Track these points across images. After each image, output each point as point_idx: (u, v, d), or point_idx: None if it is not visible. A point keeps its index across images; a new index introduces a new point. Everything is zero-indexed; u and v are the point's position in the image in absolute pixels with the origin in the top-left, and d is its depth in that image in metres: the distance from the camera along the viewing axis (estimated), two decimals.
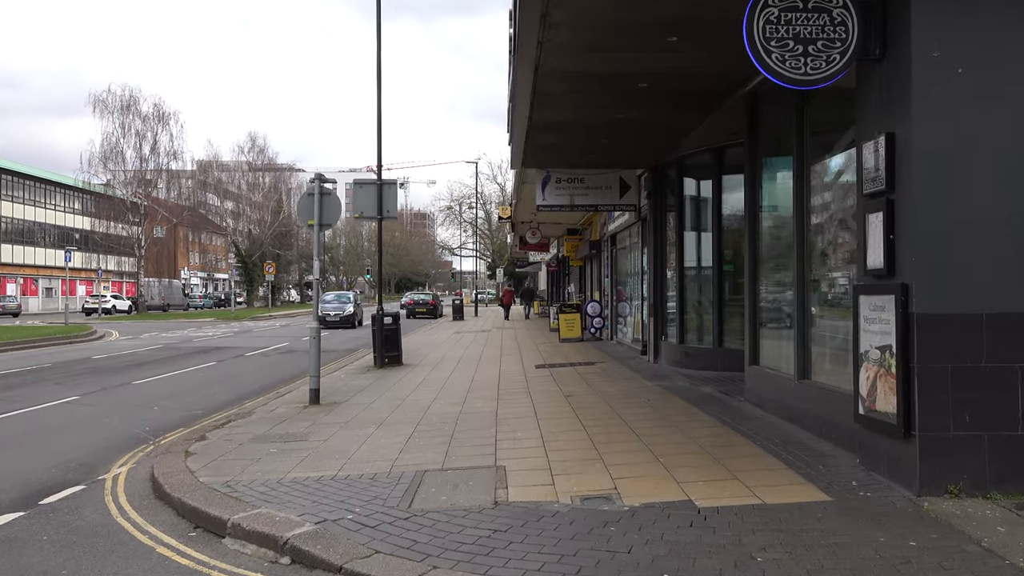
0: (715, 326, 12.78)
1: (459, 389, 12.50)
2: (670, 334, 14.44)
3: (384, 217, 17.01)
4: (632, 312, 19.13)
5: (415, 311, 48.15)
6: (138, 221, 53.39)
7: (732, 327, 12.82)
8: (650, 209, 15.14)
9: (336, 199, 12.12)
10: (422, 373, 15.32)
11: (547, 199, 15.44)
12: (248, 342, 26.65)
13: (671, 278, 14.52)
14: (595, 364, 15.42)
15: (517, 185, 18.36)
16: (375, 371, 16.09)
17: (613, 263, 21.06)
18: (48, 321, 43.02)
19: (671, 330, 14.37)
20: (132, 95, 53.01)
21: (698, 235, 13.84)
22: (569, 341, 21.93)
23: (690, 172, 13.94)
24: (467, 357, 18.60)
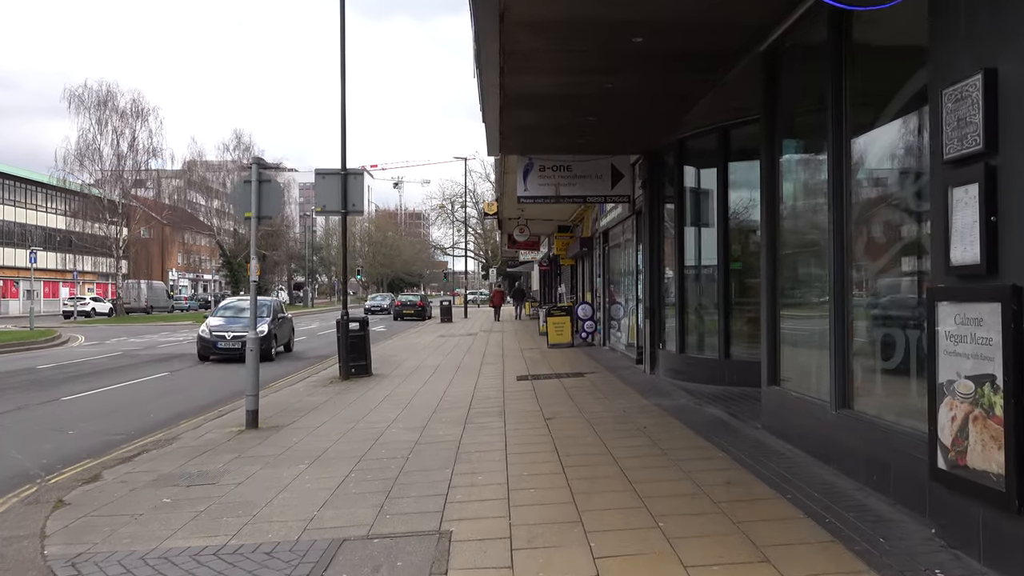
0: (721, 333, 11.04)
1: (425, 408, 10.74)
2: (669, 342, 12.69)
3: (349, 211, 15.29)
4: (626, 315, 17.39)
5: (403, 313, 46.45)
6: (116, 221, 51.50)
7: (741, 335, 11.08)
8: (645, 201, 13.40)
9: (277, 187, 10.34)
10: (389, 386, 13.57)
11: (529, 190, 13.69)
12: None
13: (670, 278, 12.79)
14: (584, 376, 13.66)
15: (499, 176, 16.63)
16: (339, 383, 14.37)
17: (606, 262, 19.33)
18: (22, 325, 41.19)
19: (670, 337, 12.63)
20: (109, 90, 51.23)
21: (699, 230, 12.10)
22: (558, 347, 20.18)
23: (691, 158, 12.18)
24: (445, 366, 16.85)
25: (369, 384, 14.02)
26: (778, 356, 7.74)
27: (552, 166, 13.67)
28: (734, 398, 9.99)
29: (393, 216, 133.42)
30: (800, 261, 7.74)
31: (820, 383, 6.65)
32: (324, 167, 15.40)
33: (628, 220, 15.68)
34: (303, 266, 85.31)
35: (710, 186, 11.68)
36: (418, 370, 16.19)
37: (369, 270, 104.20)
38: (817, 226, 6.97)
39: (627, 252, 16.48)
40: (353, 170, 15.18)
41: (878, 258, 6.09)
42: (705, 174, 12.11)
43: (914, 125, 5.48)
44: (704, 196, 11.95)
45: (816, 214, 7.06)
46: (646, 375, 13.18)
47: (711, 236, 11.47)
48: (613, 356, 17.11)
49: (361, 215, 15.24)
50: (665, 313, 12.95)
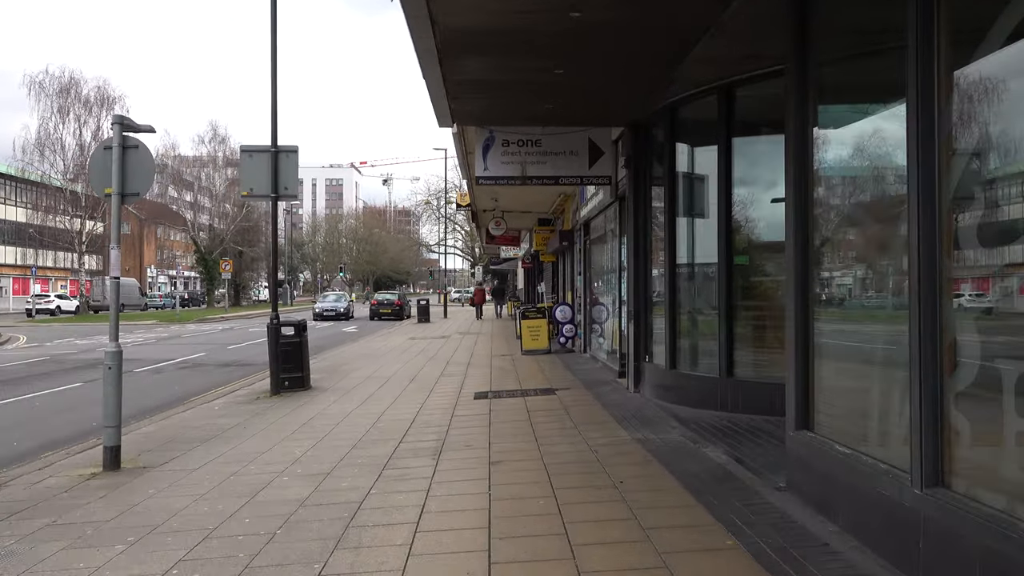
0: (721, 345, 8.74)
1: (345, 440, 8.40)
2: (656, 354, 10.37)
3: (281, 196, 12.91)
4: (610, 318, 15.08)
5: (379, 312, 44.06)
6: (81, 214, 48.88)
7: (747, 347, 8.80)
8: (629, 183, 11.08)
9: (147, 156, 7.94)
10: (320, 405, 11.22)
11: (490, 169, 11.36)
12: (159, 352, 22.47)
13: (658, 277, 10.48)
14: (555, 393, 11.33)
15: (462, 158, 14.29)
16: (265, 400, 12.03)
17: (587, 257, 17.01)
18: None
19: (658, 349, 10.31)
20: (72, 77, 48.65)
21: (694, 218, 9.77)
22: (533, 354, 17.85)
23: (686, 130, 9.85)
24: (399, 376, 14.49)
25: (298, 402, 11.67)
26: (811, 387, 5.41)
27: (517, 140, 11.34)
28: (740, 432, 7.67)
29: (382, 213, 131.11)
30: (851, 257, 5.43)
31: (889, 439, 4.33)
32: (251, 144, 13.02)
33: (611, 208, 13.36)
34: (282, 262, 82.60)
35: (709, 164, 9.37)
36: (365, 382, 13.84)
37: (354, 267, 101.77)
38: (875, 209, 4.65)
39: (610, 246, 14.17)
40: (285, 147, 12.82)
41: (996, 245, 3.75)
42: (703, 151, 9.79)
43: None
44: (701, 177, 9.63)
45: (873, 192, 4.74)
46: (628, 393, 10.86)
47: (710, 225, 9.15)
48: (593, 367, 14.78)
49: (295, 200, 12.84)
50: (653, 318, 10.63)
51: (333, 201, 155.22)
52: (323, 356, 20.03)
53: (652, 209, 10.75)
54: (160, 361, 19.77)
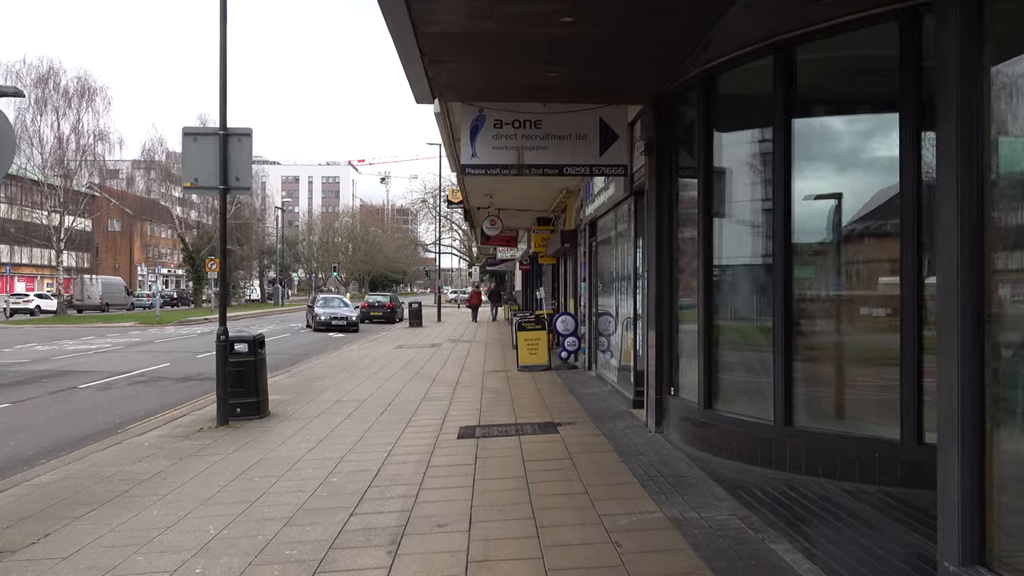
0: (778, 381, 6.66)
1: (280, 510, 6.32)
2: (685, 386, 8.29)
3: (231, 188, 10.82)
4: (618, 329, 13.03)
5: (370, 315, 41.91)
6: (60, 210, 46.70)
7: (815, 386, 6.73)
8: (650, 174, 9.00)
9: (6, 126, 5.86)
10: (268, 443, 9.16)
11: (480, 156, 9.27)
12: (120, 362, 20.38)
13: (689, 288, 8.40)
14: (558, 430, 9.24)
15: (447, 144, 12.18)
16: (208, 433, 9.98)
17: (592, 261, 14.93)
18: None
19: (688, 378, 8.23)
20: (51, 67, 46.48)
21: (733, 220, 7.70)
22: (530, 369, 15.77)
23: (727, 106, 7.73)
24: (374, 401, 12.41)
25: (246, 436, 9.61)
26: (988, 485, 3.32)
27: (512, 121, 9.26)
28: (814, 510, 5.60)
29: (379, 212, 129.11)
30: None
31: None
32: (195, 125, 10.92)
33: (624, 204, 11.28)
34: (275, 261, 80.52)
35: (759, 150, 7.32)
36: (334, 408, 11.76)
37: (350, 267, 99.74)
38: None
39: (621, 248, 12.08)
40: (237, 129, 10.74)
41: None
42: (749, 135, 7.71)
43: None
44: (750, 166, 7.56)
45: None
46: (649, 433, 8.78)
47: (760, 227, 7.10)
48: (600, 391, 12.69)
49: (247, 192, 10.77)
50: (680, 341, 8.54)
51: (330, 199, 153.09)
52: (298, 368, 17.97)
53: (679, 205, 8.66)
54: (115, 374, 17.70)
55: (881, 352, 6.20)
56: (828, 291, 6.65)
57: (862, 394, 6.52)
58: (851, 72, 6.66)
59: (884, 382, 6.13)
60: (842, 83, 6.78)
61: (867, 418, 6.34)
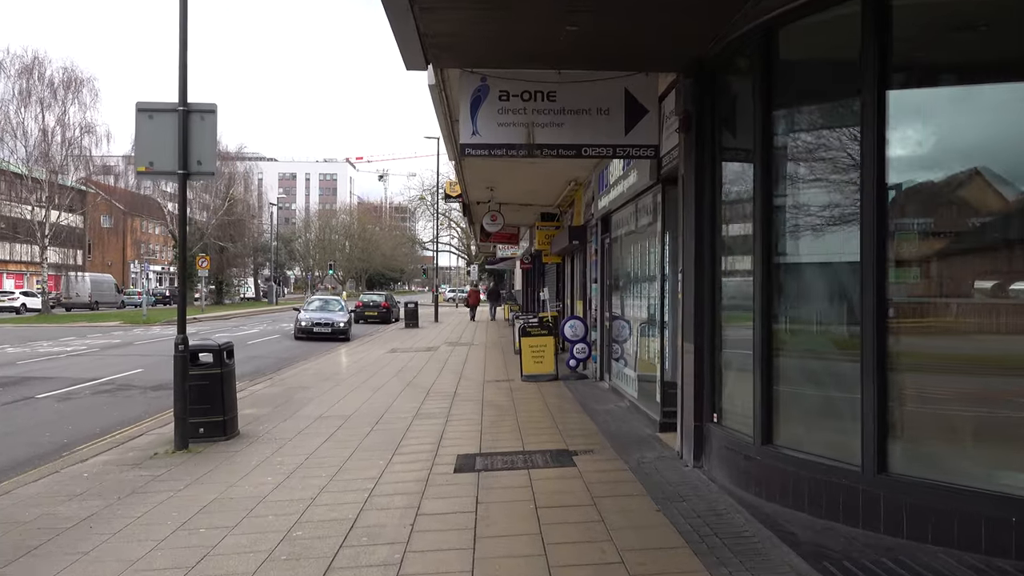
0: (868, 416, 5.17)
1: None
2: (732, 412, 6.80)
3: (192, 173, 9.30)
4: (633, 334, 11.58)
5: (364, 315, 40.36)
6: (44, 204, 45.07)
7: (921, 424, 5.22)
8: (687, 155, 7.50)
9: None
10: (230, 475, 7.67)
11: (482, 134, 7.77)
12: (91, 367, 18.85)
13: (736, 293, 6.92)
14: (574, 462, 7.73)
15: (443, 125, 10.65)
16: (162, 460, 8.52)
17: (606, 259, 13.42)
18: None
19: (736, 404, 6.74)
20: (36, 57, 44.88)
21: (801, 211, 6.19)
22: (535, 379, 14.28)
23: (792, 69, 6.23)
24: (360, 417, 10.92)
25: (206, 465, 8.12)
26: None
27: (521, 93, 7.76)
28: None
29: (377, 209, 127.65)
30: None
31: None
32: (151, 100, 9.42)
33: (647, 195, 9.78)
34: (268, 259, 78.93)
35: (841, 124, 5.82)
36: (313, 427, 10.27)
37: (347, 265, 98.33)
38: None
39: (642, 245, 10.59)
40: (199, 105, 9.24)
41: None
42: (824, 108, 6.16)
43: None
44: (824, 146, 6.04)
45: None
46: (686, 468, 7.28)
47: (843, 218, 5.60)
48: (618, 407, 11.20)
49: (211, 177, 9.25)
50: (725, 357, 7.05)
51: (327, 197, 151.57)
52: (282, 375, 16.48)
53: (723, 193, 7.17)
54: (81, 381, 16.20)
55: (1018, 378, 4.71)
56: (937, 296, 5.16)
57: (988, 434, 5.03)
58: (970, 24, 5.16)
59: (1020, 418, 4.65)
60: (958, 40, 5.27)
61: (995, 467, 4.85)
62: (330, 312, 29.13)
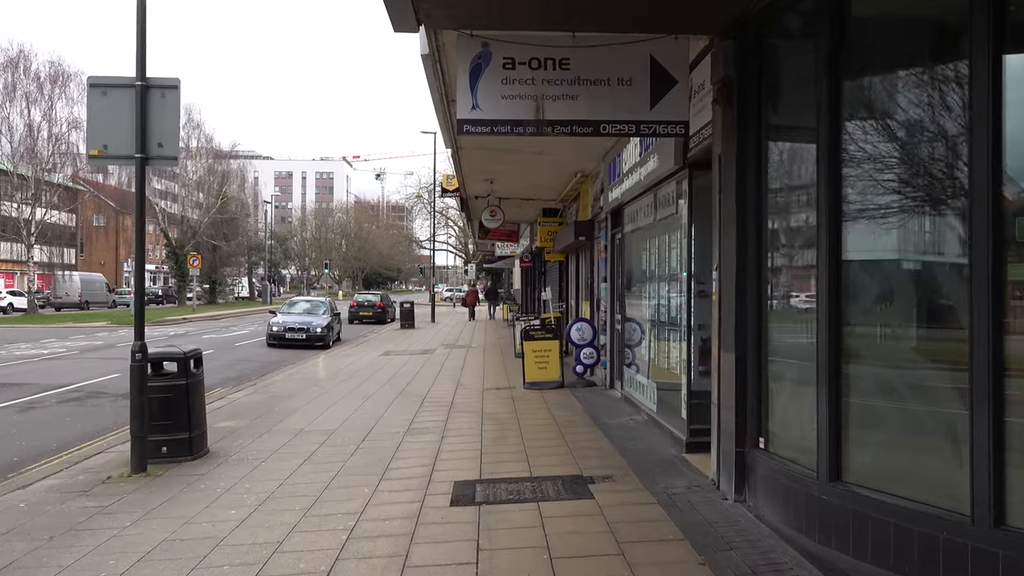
0: (981, 453, 4.03)
1: None
2: (786, 439, 5.67)
3: (152, 158, 8.13)
4: (649, 338, 10.48)
5: (359, 315, 39.23)
6: (30, 201, 43.83)
7: None
8: (728, 133, 6.38)
9: None
10: (189, 507, 6.51)
11: (483, 108, 6.64)
12: (66, 370, 17.71)
13: (787, 292, 5.79)
14: (591, 492, 6.58)
15: (438, 103, 9.48)
16: (115, 485, 7.42)
17: (617, 256, 12.29)
18: None
19: (790, 429, 5.60)
20: (22, 51, 43.71)
21: (878, 197, 5.05)
22: (539, 387, 13.15)
23: (872, 33, 5.09)
24: (346, 432, 9.78)
25: (159, 495, 6.98)
26: None
27: (529, 60, 6.61)
28: None
29: (374, 208, 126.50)
30: None
31: None
32: (103, 75, 8.27)
33: (670, 182, 8.65)
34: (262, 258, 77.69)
35: (940, 96, 4.69)
36: (293, 443, 9.14)
37: (343, 264, 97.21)
38: None
39: (662, 240, 9.45)
40: (159, 80, 8.10)
41: None
42: (915, 74, 5.01)
43: None
44: (915, 124, 4.89)
45: None
46: (726, 502, 6.14)
47: (942, 209, 4.47)
48: (634, 420, 10.07)
49: (174, 164, 8.07)
50: (774, 370, 5.91)
51: (323, 195, 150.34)
52: (267, 381, 15.35)
53: (768, 176, 6.03)
54: (51, 387, 15.08)
55: None
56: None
57: None
58: None
59: None
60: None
61: None
62: (309, 316, 25.49)
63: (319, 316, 25.39)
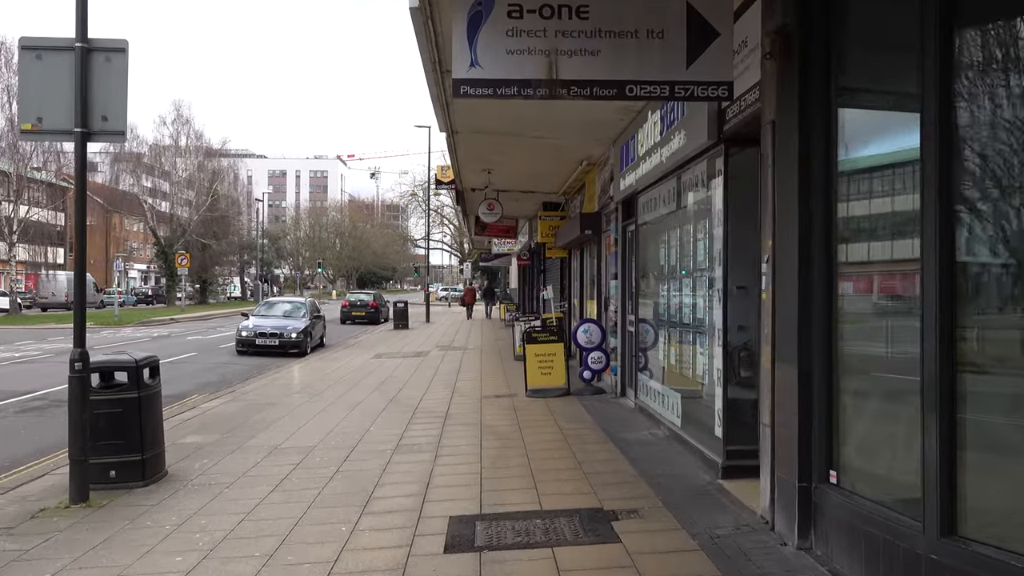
0: None
1: None
2: (865, 471, 4.50)
3: (95, 133, 6.87)
4: (663, 340, 9.34)
5: (351, 315, 38.02)
6: (12, 198, 42.48)
7: None
8: (786, 97, 5.22)
9: None
10: (122, 555, 5.31)
11: (484, 66, 5.47)
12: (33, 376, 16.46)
13: (872, 293, 4.62)
14: (614, 532, 5.39)
15: (435, 87, 8.24)
16: (46, 520, 6.26)
17: (628, 250, 11.12)
18: None
19: (872, 459, 4.43)
20: (3, 42, 42.28)
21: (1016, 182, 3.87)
22: (542, 395, 11.97)
23: None
24: (324, 451, 8.58)
25: (95, 535, 5.80)
26: None
27: (540, 8, 5.44)
28: None
29: (369, 207, 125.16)
30: None
31: None
32: (38, 36, 7.08)
33: (699, 162, 7.47)
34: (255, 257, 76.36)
35: None
36: (265, 463, 7.96)
37: (337, 263, 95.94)
38: None
39: (687, 229, 8.27)
40: (103, 42, 6.91)
41: None
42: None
43: None
44: None
45: None
46: (786, 548, 4.96)
47: None
48: (654, 435, 8.90)
49: (121, 140, 6.83)
50: (849, 386, 4.74)
51: (317, 194, 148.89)
52: (248, 388, 14.20)
53: (840, 149, 4.86)
54: (14, 394, 13.92)
55: None
56: None
57: None
58: None
59: None
60: None
61: None
62: (285, 319, 22.71)
63: (296, 319, 22.73)
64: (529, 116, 10.17)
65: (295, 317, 22.96)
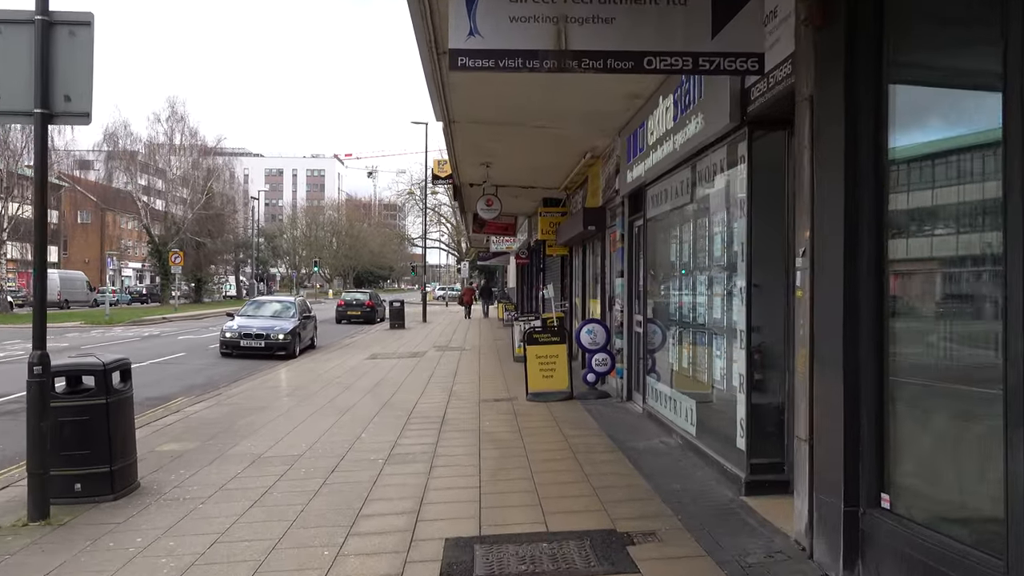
0: None
1: None
2: (924, 495, 3.90)
3: (58, 114, 6.22)
4: (674, 341, 8.75)
5: (347, 315, 37.39)
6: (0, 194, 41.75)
7: None
8: (829, 71, 4.62)
9: None
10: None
11: (484, 35, 4.88)
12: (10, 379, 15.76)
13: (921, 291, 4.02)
14: (633, 563, 4.80)
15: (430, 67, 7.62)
16: (5, 538, 5.58)
17: (636, 247, 10.51)
18: None
19: (934, 482, 3.82)
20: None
21: None
22: (544, 398, 11.36)
23: None
24: (311, 460, 7.97)
25: (49, 561, 5.20)
26: None
27: None
28: None
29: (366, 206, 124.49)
30: None
31: None
32: None
33: (719, 148, 6.86)
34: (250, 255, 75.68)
35: None
36: (245, 474, 7.35)
37: (333, 262, 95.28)
38: None
39: (703, 222, 7.67)
40: (66, 15, 6.29)
41: None
42: None
43: None
44: None
45: None
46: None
47: None
48: (666, 444, 8.29)
49: (86, 122, 6.17)
50: (905, 398, 4.13)
51: (314, 193, 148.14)
52: (236, 390, 13.57)
53: (892, 132, 4.25)
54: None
55: None
56: None
57: None
58: None
59: None
60: None
61: None
62: (273, 319, 21.62)
63: (284, 320, 21.55)
64: (530, 104, 9.55)
65: (283, 317, 21.88)
